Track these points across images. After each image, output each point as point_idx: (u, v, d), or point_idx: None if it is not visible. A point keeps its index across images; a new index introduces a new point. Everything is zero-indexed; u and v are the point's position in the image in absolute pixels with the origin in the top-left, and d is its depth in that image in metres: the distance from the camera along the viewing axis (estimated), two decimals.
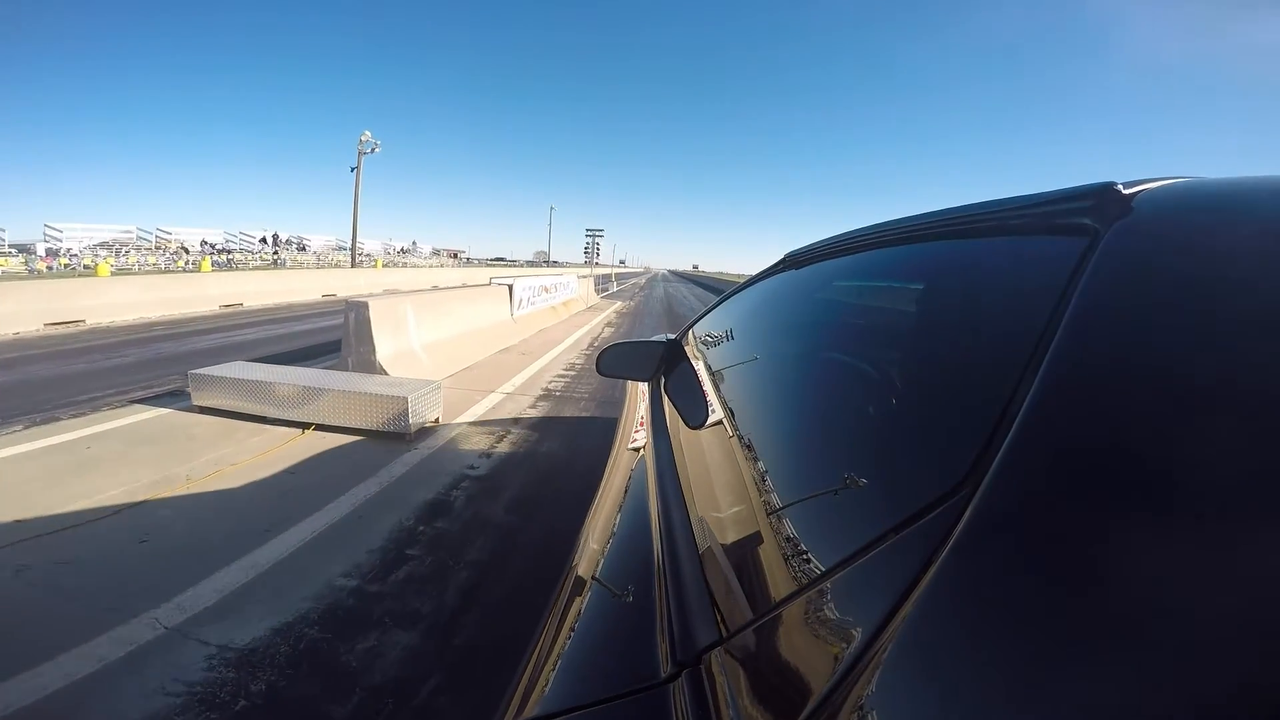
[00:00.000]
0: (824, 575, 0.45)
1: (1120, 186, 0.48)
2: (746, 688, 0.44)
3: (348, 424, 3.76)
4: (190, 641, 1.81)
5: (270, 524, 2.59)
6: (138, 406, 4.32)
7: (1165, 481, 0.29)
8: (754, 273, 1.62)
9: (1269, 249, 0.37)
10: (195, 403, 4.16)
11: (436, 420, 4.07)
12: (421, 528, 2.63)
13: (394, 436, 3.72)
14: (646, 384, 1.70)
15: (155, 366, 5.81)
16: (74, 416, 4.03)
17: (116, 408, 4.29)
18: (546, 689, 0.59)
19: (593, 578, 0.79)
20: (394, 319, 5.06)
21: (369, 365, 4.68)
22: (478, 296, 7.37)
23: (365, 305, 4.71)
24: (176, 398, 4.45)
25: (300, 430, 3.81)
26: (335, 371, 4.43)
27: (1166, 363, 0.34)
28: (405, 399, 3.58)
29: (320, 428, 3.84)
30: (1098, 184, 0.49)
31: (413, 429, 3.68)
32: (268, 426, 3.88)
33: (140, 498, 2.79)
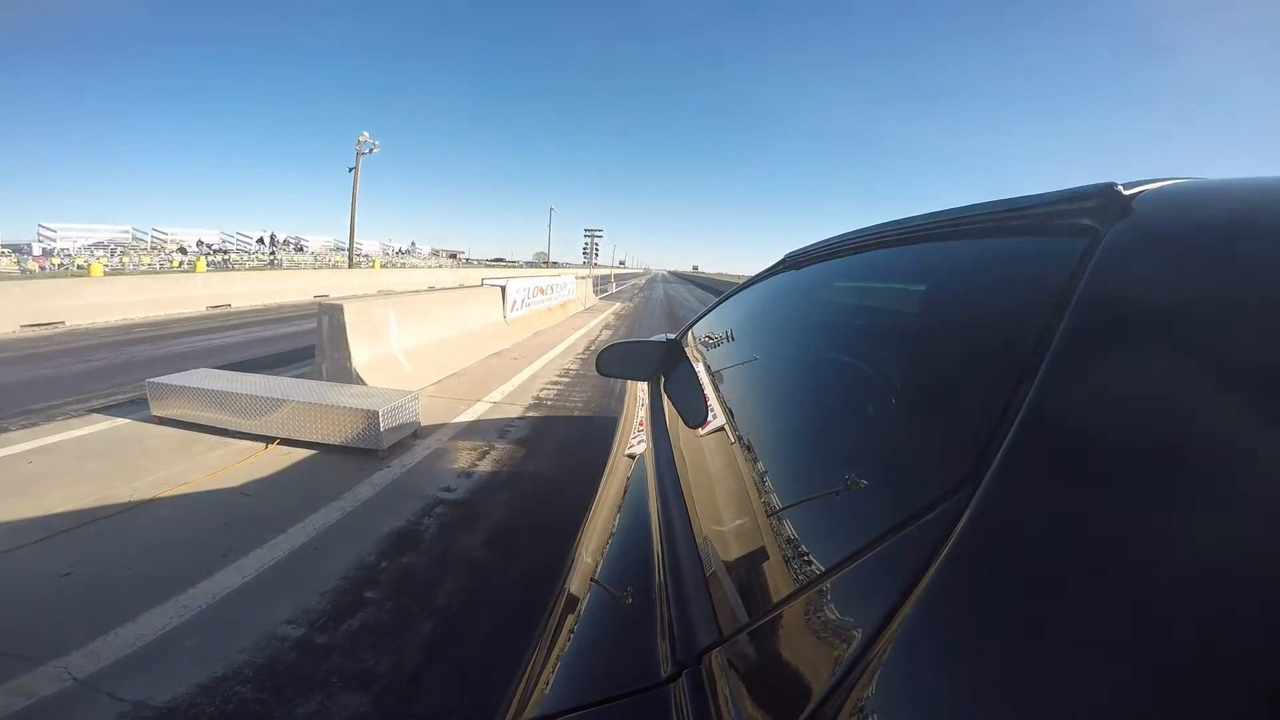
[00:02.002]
0: (824, 575, 0.45)
1: (1121, 187, 0.47)
2: (747, 688, 0.43)
3: (314, 438, 3.43)
4: (101, 697, 1.57)
5: (213, 555, 2.29)
6: (95, 416, 4.02)
7: (1165, 481, 0.29)
8: (754, 273, 1.60)
9: (1269, 249, 0.36)
10: (154, 413, 3.85)
11: (414, 434, 3.75)
12: (385, 564, 2.31)
13: (365, 453, 3.39)
14: (646, 384, 1.68)
15: (125, 371, 5.51)
16: (23, 427, 3.74)
17: (72, 417, 4.00)
18: (546, 689, 0.58)
19: (592, 579, 0.78)
20: (373, 323, 4.73)
21: (344, 373, 4.36)
22: (468, 298, 7.04)
23: (340, 308, 4.38)
24: (137, 407, 4.13)
25: (264, 444, 3.49)
26: (305, 380, 4.08)
27: (1166, 363, 0.34)
28: (377, 412, 3.25)
29: (286, 442, 3.51)
30: (1098, 184, 0.49)
31: (385, 444, 3.36)
32: (229, 440, 3.57)
33: (74, 522, 2.49)
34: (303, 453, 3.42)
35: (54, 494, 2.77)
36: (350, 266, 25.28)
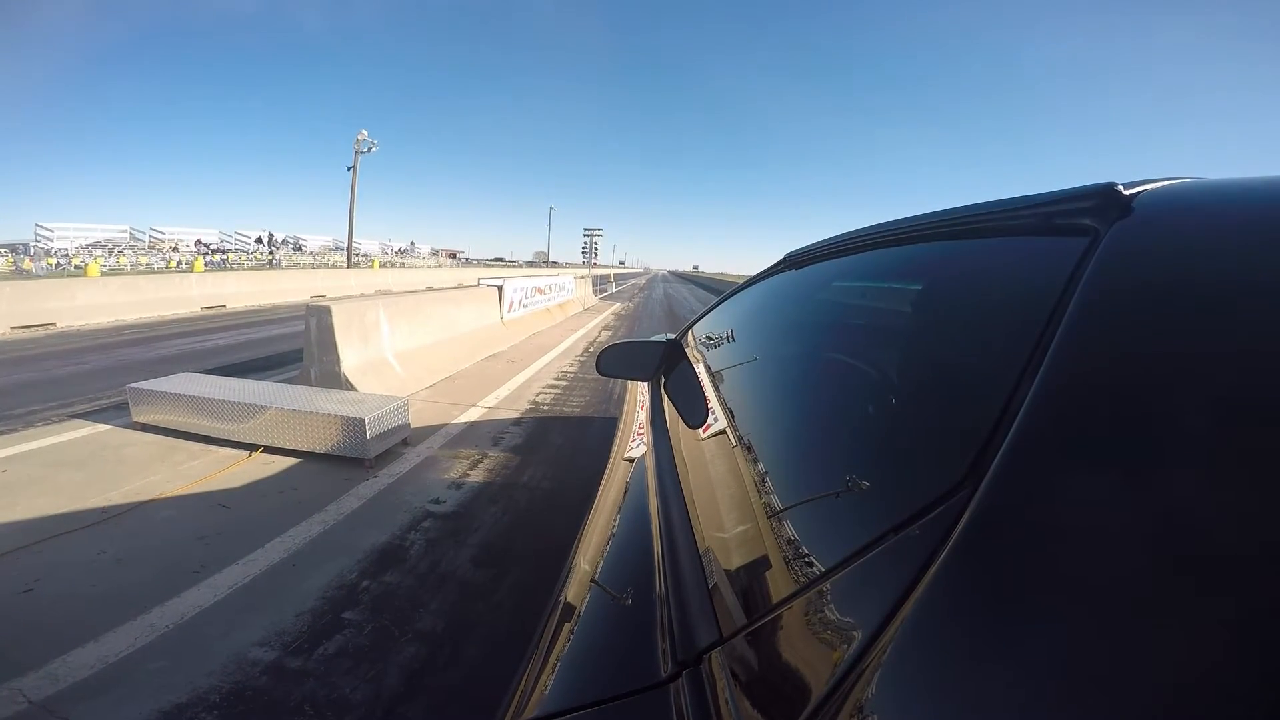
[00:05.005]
0: (824, 575, 0.45)
1: (1121, 187, 0.47)
2: (747, 687, 0.43)
3: (299, 446, 3.30)
4: None
5: (184, 572, 2.18)
6: (76, 422, 3.90)
7: (1166, 481, 0.29)
8: (754, 273, 1.59)
9: (1269, 249, 0.36)
10: (135, 419, 3.72)
11: (404, 441, 3.63)
12: (366, 583, 2.18)
13: (351, 462, 3.27)
14: (646, 384, 1.68)
15: (112, 375, 5.37)
16: None
17: (52, 423, 3.88)
18: (546, 689, 0.58)
19: (592, 579, 0.77)
20: (363, 325, 4.59)
21: (333, 378, 4.22)
22: (464, 299, 6.91)
23: (328, 310, 4.24)
24: (119, 412, 4.01)
25: (247, 453, 3.36)
26: (291, 386, 3.96)
27: (1166, 362, 0.34)
28: (363, 420, 3.12)
29: (269, 450, 3.39)
30: (1098, 184, 0.49)
31: (372, 453, 3.23)
32: (212, 447, 3.44)
33: (40, 535, 2.38)
34: (287, 461, 3.30)
35: (23, 504, 2.66)
36: (349, 266, 25.17)
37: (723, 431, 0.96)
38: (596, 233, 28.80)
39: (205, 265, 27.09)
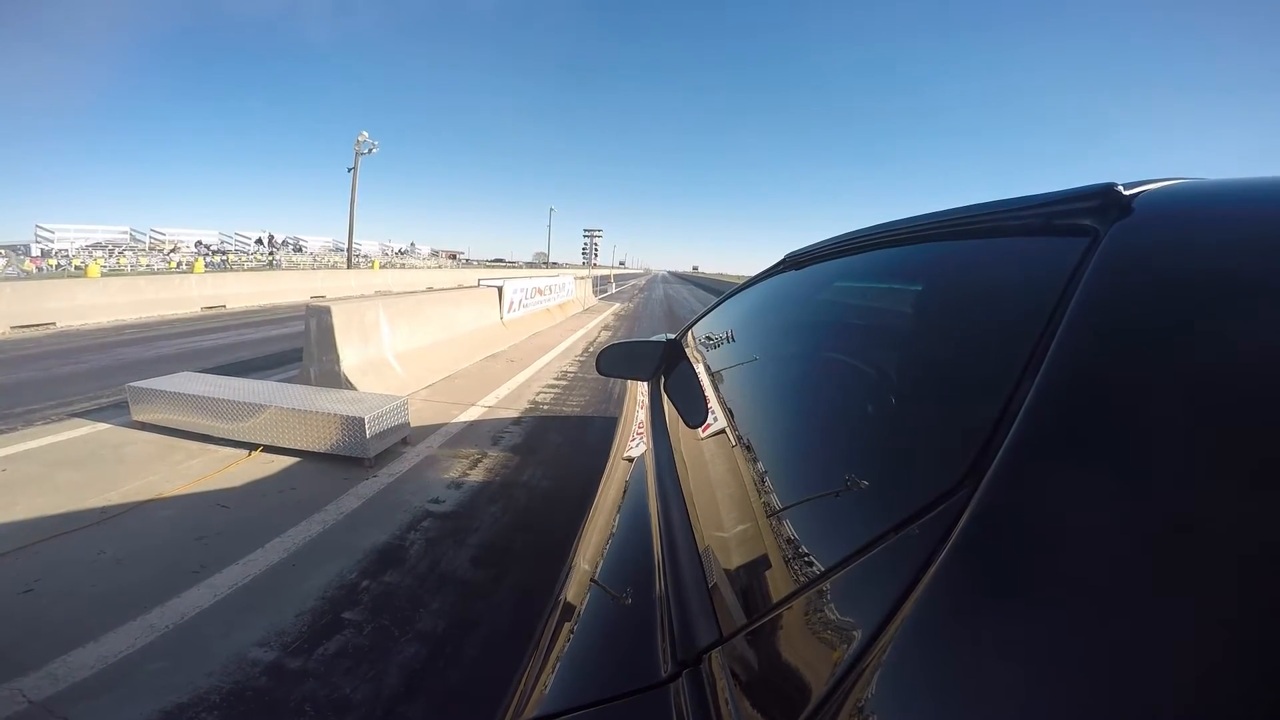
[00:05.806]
0: (824, 575, 0.45)
1: (1121, 187, 0.47)
2: (747, 687, 0.43)
3: (299, 445, 3.29)
4: None
5: (184, 572, 2.17)
6: (75, 421, 3.90)
7: (1165, 480, 0.29)
8: (754, 274, 1.59)
9: (1269, 249, 0.36)
10: (134, 418, 3.72)
11: (404, 440, 3.62)
12: (366, 582, 2.18)
13: (351, 461, 3.26)
14: (646, 384, 1.68)
15: (112, 374, 5.37)
16: None
17: (51, 422, 3.88)
18: (546, 689, 0.58)
19: (592, 579, 0.77)
20: (363, 325, 4.58)
21: (333, 377, 4.22)
22: (464, 299, 6.91)
23: (328, 310, 4.24)
24: (119, 411, 4.01)
25: (247, 452, 3.36)
26: (291, 385, 3.95)
27: (1167, 363, 0.34)
28: (362, 419, 3.12)
29: (269, 449, 3.38)
30: (1099, 185, 0.49)
31: (372, 452, 3.22)
32: (211, 446, 3.44)
33: (39, 535, 2.37)
34: (286, 461, 3.29)
35: (22, 504, 2.65)
36: (349, 267, 25.17)
37: (722, 431, 0.96)
38: (596, 234, 28.80)
39: (205, 266, 27.08)
